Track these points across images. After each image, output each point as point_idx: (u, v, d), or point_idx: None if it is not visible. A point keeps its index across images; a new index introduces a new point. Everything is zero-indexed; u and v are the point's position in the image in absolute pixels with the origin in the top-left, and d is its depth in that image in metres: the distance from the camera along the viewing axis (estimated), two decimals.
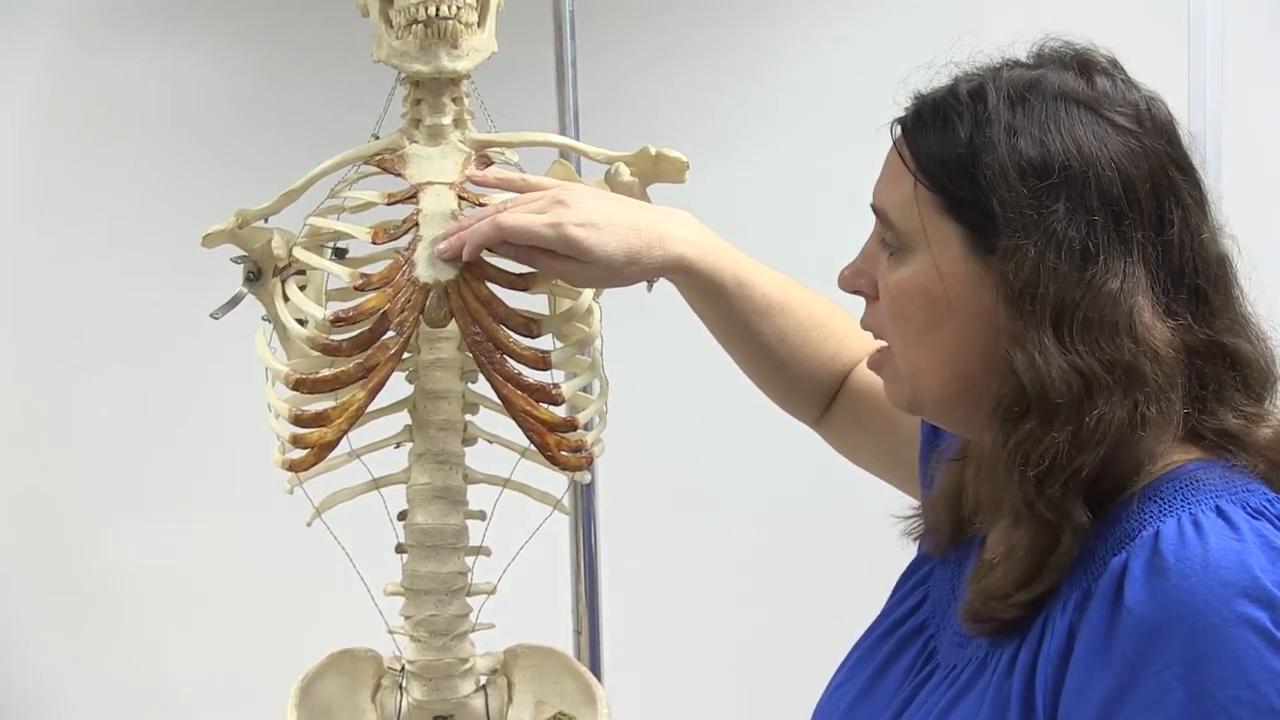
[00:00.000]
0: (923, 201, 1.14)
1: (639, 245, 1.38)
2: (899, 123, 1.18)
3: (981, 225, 1.11)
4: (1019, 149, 1.09)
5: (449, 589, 1.50)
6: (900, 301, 1.16)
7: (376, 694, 1.60)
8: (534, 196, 1.42)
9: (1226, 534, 1.03)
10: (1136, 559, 1.04)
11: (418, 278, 1.44)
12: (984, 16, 2.36)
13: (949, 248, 1.13)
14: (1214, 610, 0.99)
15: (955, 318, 1.13)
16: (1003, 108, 1.11)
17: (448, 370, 1.50)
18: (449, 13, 1.43)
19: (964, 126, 1.12)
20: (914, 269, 1.14)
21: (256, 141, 2.64)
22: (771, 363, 1.52)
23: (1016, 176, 1.09)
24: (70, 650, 2.75)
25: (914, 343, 1.16)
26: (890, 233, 1.17)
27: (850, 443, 1.56)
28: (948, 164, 1.12)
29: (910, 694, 1.22)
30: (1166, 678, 0.99)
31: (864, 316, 1.25)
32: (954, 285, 1.13)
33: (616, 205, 1.41)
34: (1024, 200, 1.08)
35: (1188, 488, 1.07)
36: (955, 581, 1.26)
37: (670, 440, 2.62)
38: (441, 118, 1.51)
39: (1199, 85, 2.44)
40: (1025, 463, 1.07)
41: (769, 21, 2.75)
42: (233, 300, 1.54)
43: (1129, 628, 1.01)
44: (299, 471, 1.47)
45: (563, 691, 1.62)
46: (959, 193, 1.11)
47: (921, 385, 1.17)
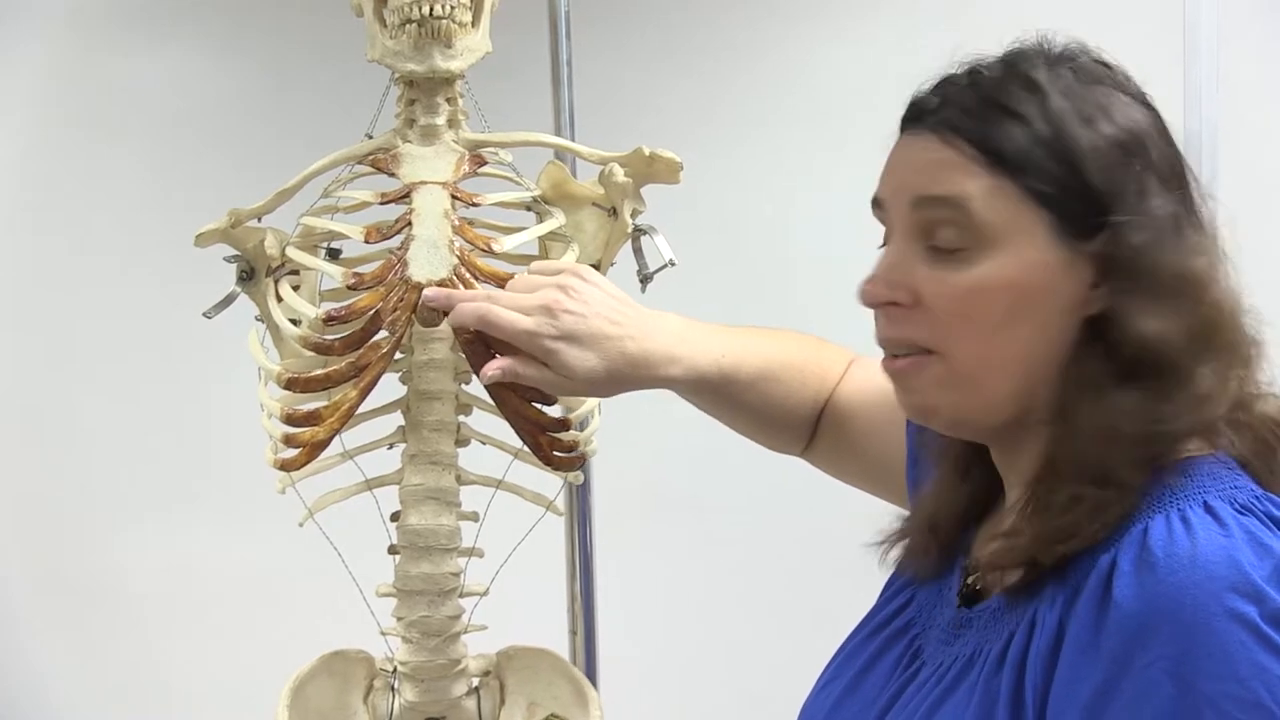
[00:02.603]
0: (1007, 193, 1.11)
1: (620, 365, 1.36)
2: (945, 120, 1.14)
3: (1075, 209, 1.10)
4: (1098, 129, 1.11)
5: (441, 590, 1.49)
6: (974, 301, 1.12)
7: (368, 695, 1.60)
8: (530, 284, 1.39)
9: (1215, 530, 1.03)
10: (1125, 555, 1.04)
11: (410, 277, 1.44)
12: (978, 15, 2.37)
13: (1035, 237, 1.11)
14: (1202, 605, 0.99)
15: (1041, 309, 1.11)
16: (1058, 93, 1.12)
17: (441, 371, 1.49)
18: (443, 12, 1.43)
19: (1035, 113, 1.11)
20: (997, 264, 1.11)
21: (250, 141, 2.64)
22: (760, 423, 1.52)
23: (1108, 154, 1.10)
24: (61, 649, 2.75)
25: (985, 342, 1.12)
26: (954, 231, 1.12)
27: (838, 466, 1.56)
28: (1033, 152, 1.10)
29: (896, 691, 1.22)
30: (1154, 672, 0.99)
31: (888, 328, 1.18)
32: (1043, 274, 1.11)
33: (603, 318, 1.36)
34: (1121, 176, 1.10)
35: (1174, 485, 1.08)
36: (941, 584, 1.26)
37: (665, 441, 2.61)
38: (435, 118, 1.51)
39: (1194, 84, 2.44)
40: (1123, 433, 1.09)
41: (764, 22, 2.75)
42: (226, 299, 1.54)
43: (1117, 623, 1.01)
44: (291, 471, 1.47)
45: (555, 693, 1.62)
46: (1052, 179, 1.10)
47: (984, 387, 1.14)
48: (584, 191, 1.57)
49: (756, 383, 1.47)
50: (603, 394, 1.41)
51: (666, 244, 1.54)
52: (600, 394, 1.42)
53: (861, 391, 1.51)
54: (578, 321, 1.35)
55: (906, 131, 1.17)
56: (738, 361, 1.45)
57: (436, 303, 1.41)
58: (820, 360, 1.53)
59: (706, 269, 1.97)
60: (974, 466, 1.26)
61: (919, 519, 1.29)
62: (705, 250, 1.94)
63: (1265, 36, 2.63)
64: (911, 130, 1.16)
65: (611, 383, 1.37)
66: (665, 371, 1.39)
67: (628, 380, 1.37)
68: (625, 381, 1.37)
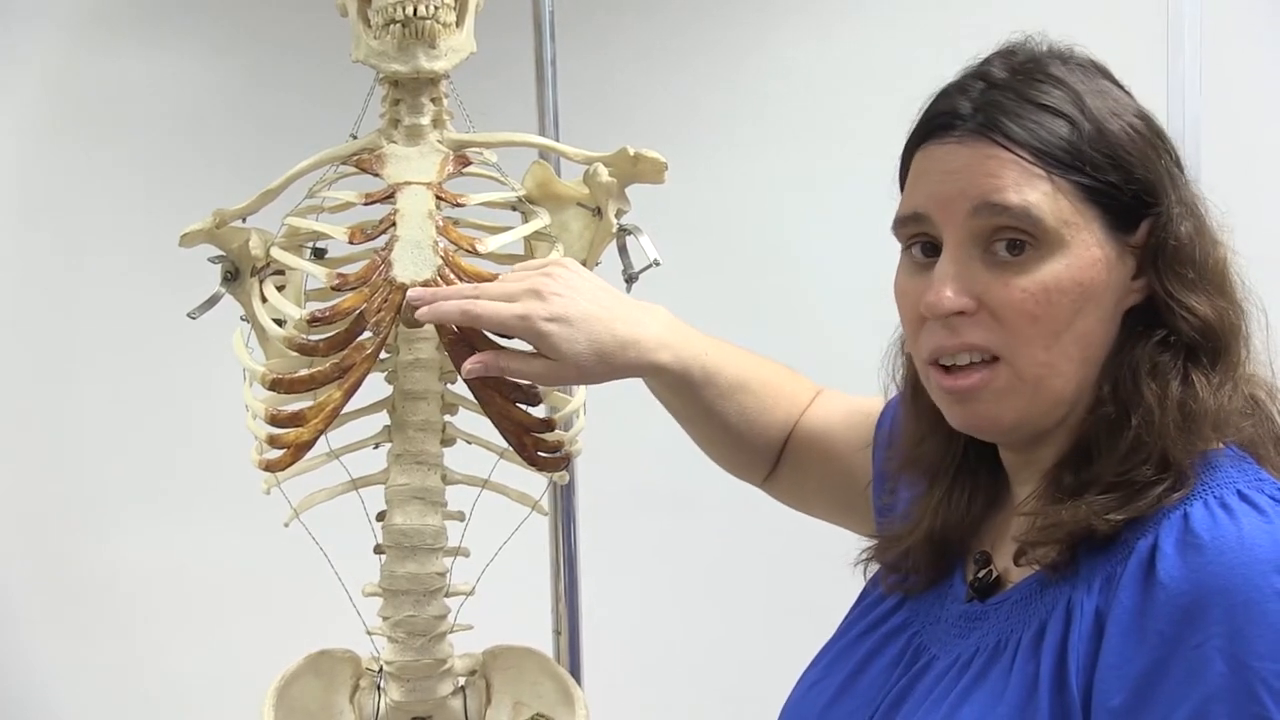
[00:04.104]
0: (1064, 192, 1.12)
1: (611, 346, 1.35)
2: (990, 124, 1.13)
3: (1123, 203, 1.13)
4: (1127, 121, 1.14)
5: (427, 590, 1.49)
6: (1045, 302, 1.12)
7: (354, 695, 1.60)
8: (515, 278, 1.40)
9: (1254, 516, 1.05)
10: (1167, 538, 1.06)
11: (394, 278, 1.44)
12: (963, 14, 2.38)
13: (1092, 235, 1.13)
14: (1253, 584, 1.01)
15: (1099, 306, 1.14)
16: (1085, 88, 1.14)
17: (426, 371, 1.49)
18: (427, 13, 1.43)
19: (1074, 110, 1.13)
20: (1064, 263, 1.12)
21: (235, 141, 2.64)
22: (730, 437, 1.52)
23: (1141, 146, 1.14)
24: (44, 649, 2.74)
25: (1052, 342, 1.13)
26: (1017, 235, 1.12)
27: (799, 493, 1.58)
28: (1083, 149, 1.12)
29: (904, 687, 1.22)
30: (1206, 650, 1.00)
31: (948, 337, 1.15)
32: (1102, 271, 1.13)
33: (592, 301, 1.36)
34: (1155, 167, 1.14)
35: (1206, 474, 1.10)
36: (938, 585, 1.28)
37: (650, 441, 2.61)
38: (420, 118, 1.51)
39: (1178, 81, 2.45)
40: (1191, 414, 1.12)
41: (749, 21, 2.75)
42: (210, 300, 1.53)
43: (1165, 603, 1.03)
44: (276, 471, 1.47)
45: (541, 693, 1.62)
46: (1102, 175, 1.12)
47: (1048, 389, 1.14)
48: (569, 191, 1.57)
49: (733, 392, 1.48)
50: (590, 379, 1.40)
51: (651, 244, 1.54)
52: (587, 379, 1.41)
53: (828, 417, 1.53)
54: (568, 303, 1.34)
55: (939, 140, 1.16)
56: (720, 364, 1.45)
57: (421, 303, 1.41)
58: (792, 385, 1.55)
59: (691, 269, 1.97)
60: (980, 471, 1.27)
61: (918, 535, 1.28)
62: (690, 250, 1.94)
63: (1249, 33, 2.64)
64: (949, 138, 1.15)
65: (600, 364, 1.36)
66: (655, 357, 1.39)
67: (617, 362, 1.36)
68: (614, 363, 1.36)
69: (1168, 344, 1.14)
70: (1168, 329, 1.14)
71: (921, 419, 1.29)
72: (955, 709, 1.14)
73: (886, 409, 1.44)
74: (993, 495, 1.27)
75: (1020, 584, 1.18)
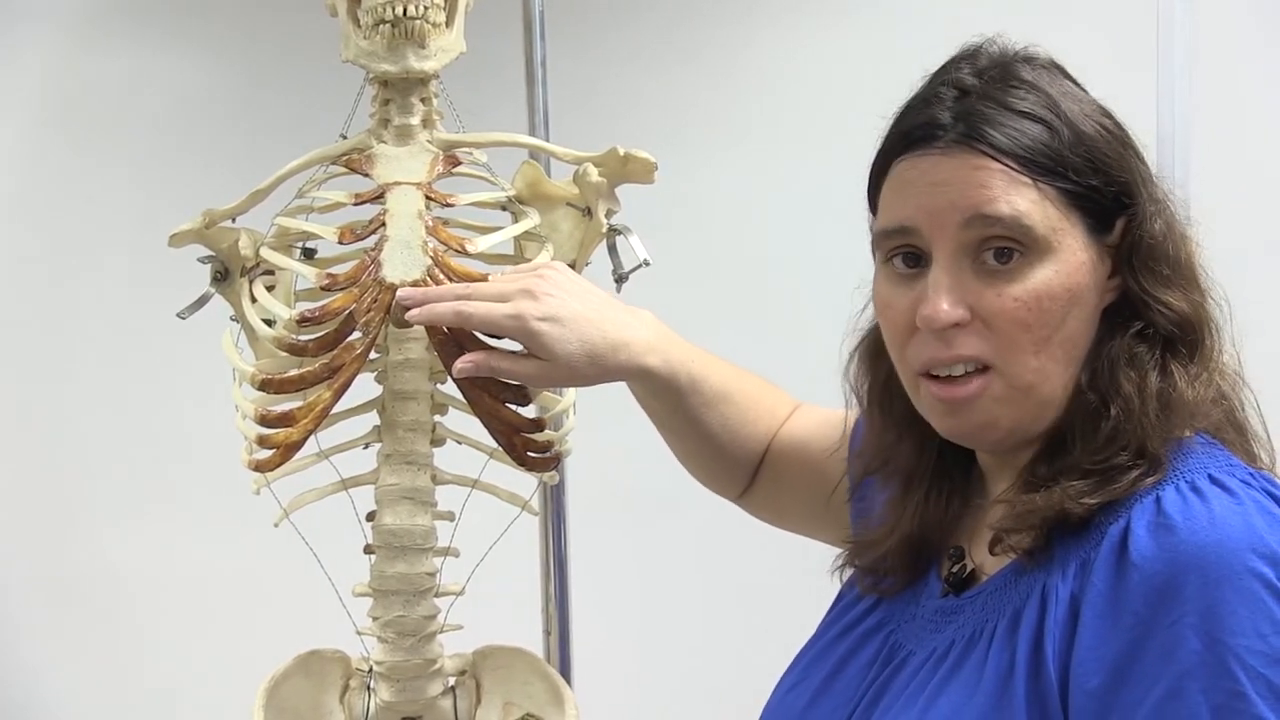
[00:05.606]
0: (1050, 199, 1.13)
1: (603, 348, 1.36)
2: (973, 134, 1.13)
3: (1102, 204, 1.15)
4: (1097, 122, 1.15)
5: (417, 590, 1.49)
6: (1037, 309, 1.12)
7: (344, 695, 1.60)
8: (507, 279, 1.40)
9: (1225, 498, 1.07)
10: (1139, 521, 1.07)
11: (384, 278, 1.44)
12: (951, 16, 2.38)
13: (1076, 238, 1.14)
14: (1225, 563, 1.02)
15: (1084, 306, 1.15)
16: (1055, 91, 1.15)
17: (416, 371, 1.49)
18: (416, 13, 1.43)
19: (1050, 115, 1.14)
20: (1053, 269, 1.12)
21: (225, 141, 2.63)
22: (711, 449, 1.52)
23: (1113, 146, 1.15)
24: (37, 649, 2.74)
25: (1042, 348, 1.13)
26: (1007, 244, 1.12)
27: (775, 506, 1.58)
28: (1064, 154, 1.13)
29: (881, 686, 1.23)
30: (1181, 628, 1.01)
31: (943, 349, 1.15)
32: (1088, 274, 1.15)
33: (584, 303, 1.36)
34: (1128, 167, 1.16)
35: (1178, 460, 1.11)
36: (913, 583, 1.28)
37: (640, 441, 2.61)
38: (409, 118, 1.51)
39: (1167, 86, 2.45)
40: (1171, 405, 1.13)
41: (740, 22, 2.75)
42: (200, 300, 1.54)
43: (1139, 583, 1.04)
44: (265, 472, 1.47)
45: (531, 693, 1.62)
46: (1083, 178, 1.13)
47: (1040, 393, 1.15)
48: (559, 191, 1.57)
49: (717, 401, 1.48)
50: (580, 380, 1.41)
51: (641, 244, 1.54)
52: (577, 380, 1.41)
53: (806, 429, 1.54)
54: (560, 304, 1.35)
55: (920, 151, 1.15)
56: (705, 373, 1.46)
57: (410, 303, 1.41)
58: (772, 398, 1.56)
59: (681, 269, 1.98)
60: (955, 472, 1.28)
61: (895, 539, 1.29)
62: (680, 250, 1.94)
63: (1238, 36, 2.64)
64: (931, 149, 1.15)
65: (591, 365, 1.36)
66: (644, 360, 1.39)
67: (608, 364, 1.37)
68: (605, 365, 1.37)
69: (1144, 336, 1.15)
70: (1144, 322, 1.16)
71: (893, 425, 1.30)
72: (932, 701, 1.14)
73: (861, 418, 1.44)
74: (967, 495, 1.28)
75: (995, 575, 1.18)
